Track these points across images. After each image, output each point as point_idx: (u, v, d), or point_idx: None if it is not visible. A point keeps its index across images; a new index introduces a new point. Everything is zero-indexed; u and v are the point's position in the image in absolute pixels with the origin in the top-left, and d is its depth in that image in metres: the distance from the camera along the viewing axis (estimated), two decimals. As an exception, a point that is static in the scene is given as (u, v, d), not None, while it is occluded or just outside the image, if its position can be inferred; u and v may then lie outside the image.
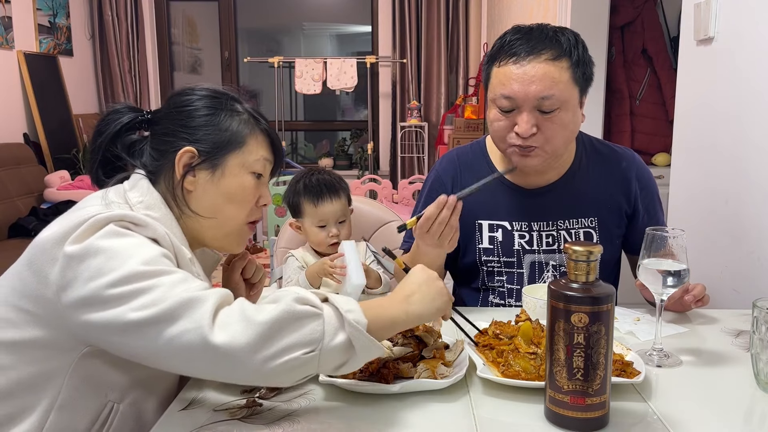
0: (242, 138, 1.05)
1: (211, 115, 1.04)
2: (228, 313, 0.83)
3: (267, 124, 1.10)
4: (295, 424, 0.88)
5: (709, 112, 1.69)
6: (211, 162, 1.03)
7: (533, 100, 1.26)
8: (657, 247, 1.06)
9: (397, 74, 5.42)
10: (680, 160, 1.86)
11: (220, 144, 1.03)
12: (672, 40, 3.61)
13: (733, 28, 1.58)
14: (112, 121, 1.07)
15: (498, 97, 1.30)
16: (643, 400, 0.95)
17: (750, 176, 1.50)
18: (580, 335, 0.83)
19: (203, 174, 1.03)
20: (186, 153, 1.02)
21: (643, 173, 1.47)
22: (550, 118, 1.28)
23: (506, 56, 1.29)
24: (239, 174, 1.05)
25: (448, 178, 1.49)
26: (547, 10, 3.37)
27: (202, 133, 1.03)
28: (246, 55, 5.52)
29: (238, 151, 1.04)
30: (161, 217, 0.99)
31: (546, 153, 1.32)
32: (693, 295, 1.25)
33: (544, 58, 1.26)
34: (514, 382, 0.96)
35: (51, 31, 4.88)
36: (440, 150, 5.07)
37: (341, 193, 1.69)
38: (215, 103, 1.06)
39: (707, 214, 1.68)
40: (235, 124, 1.05)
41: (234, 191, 1.05)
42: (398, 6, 5.30)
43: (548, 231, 1.43)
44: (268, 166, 1.10)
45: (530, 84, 1.26)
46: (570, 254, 0.86)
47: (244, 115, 1.07)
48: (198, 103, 1.05)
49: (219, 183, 1.04)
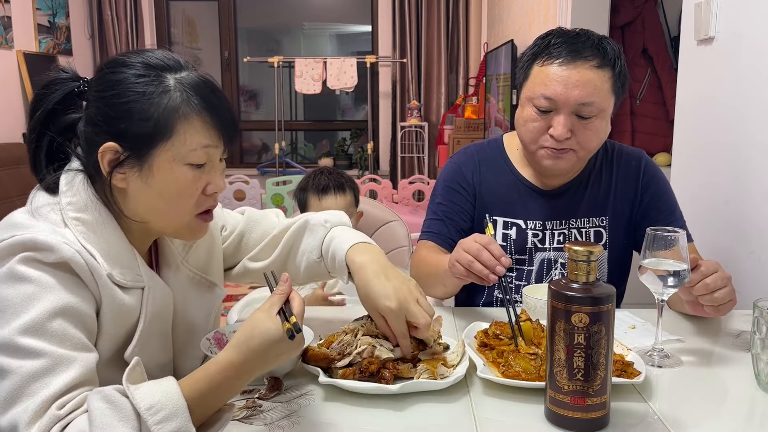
0: (170, 126, 0.88)
1: (134, 102, 0.88)
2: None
3: (205, 101, 0.90)
4: (295, 424, 0.88)
5: (710, 112, 1.69)
6: (138, 158, 0.89)
7: (573, 105, 1.27)
8: (657, 247, 1.06)
9: (397, 74, 5.41)
10: (680, 160, 1.86)
11: (144, 137, 0.88)
12: (672, 40, 3.61)
13: (733, 28, 1.58)
14: (45, 97, 0.92)
15: (537, 97, 1.30)
16: (644, 401, 0.95)
17: (750, 176, 1.50)
18: (580, 335, 0.83)
19: (132, 172, 0.90)
20: (108, 150, 0.89)
21: (651, 171, 1.47)
22: (585, 125, 1.29)
23: (550, 57, 1.29)
24: (171, 169, 0.90)
25: (468, 171, 1.48)
26: (547, 9, 3.37)
27: (125, 125, 0.88)
28: (246, 55, 5.52)
29: (166, 143, 0.88)
30: (93, 220, 0.90)
31: (576, 157, 1.34)
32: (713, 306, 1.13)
33: (590, 64, 1.27)
34: (514, 383, 0.96)
35: (50, 30, 4.88)
36: (440, 150, 5.07)
37: (347, 190, 1.70)
38: (141, 84, 0.88)
39: (707, 214, 1.68)
40: (159, 109, 0.88)
41: (167, 188, 0.91)
42: (398, 6, 5.31)
43: (560, 230, 1.44)
44: (213, 151, 0.92)
45: (573, 88, 1.26)
46: (570, 254, 0.85)
47: (175, 93, 0.89)
48: (121, 86, 0.89)
49: (149, 181, 0.90)
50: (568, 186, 1.44)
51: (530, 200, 1.44)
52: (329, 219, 1.18)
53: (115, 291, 0.90)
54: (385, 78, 5.51)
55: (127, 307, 0.92)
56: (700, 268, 1.09)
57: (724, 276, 1.11)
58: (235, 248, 1.20)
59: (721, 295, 1.10)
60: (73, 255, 0.85)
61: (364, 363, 0.97)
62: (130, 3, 5.33)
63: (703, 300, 1.12)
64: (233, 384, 0.81)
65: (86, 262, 0.86)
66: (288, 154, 5.86)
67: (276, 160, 5.44)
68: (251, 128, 5.96)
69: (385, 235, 2.00)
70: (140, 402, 0.74)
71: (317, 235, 1.16)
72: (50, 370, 0.79)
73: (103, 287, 0.88)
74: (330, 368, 1.00)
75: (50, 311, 0.82)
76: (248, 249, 1.20)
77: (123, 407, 0.74)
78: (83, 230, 0.90)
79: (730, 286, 1.12)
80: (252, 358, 0.81)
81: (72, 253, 0.85)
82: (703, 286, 1.09)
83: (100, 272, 0.88)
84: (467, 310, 1.37)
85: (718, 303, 1.11)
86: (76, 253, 0.86)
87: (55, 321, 0.81)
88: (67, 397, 0.78)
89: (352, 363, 0.98)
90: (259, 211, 1.24)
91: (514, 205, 1.45)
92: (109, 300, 0.89)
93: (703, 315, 1.18)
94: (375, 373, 0.96)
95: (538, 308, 1.21)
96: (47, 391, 0.77)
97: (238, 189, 4.97)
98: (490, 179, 1.46)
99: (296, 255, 1.17)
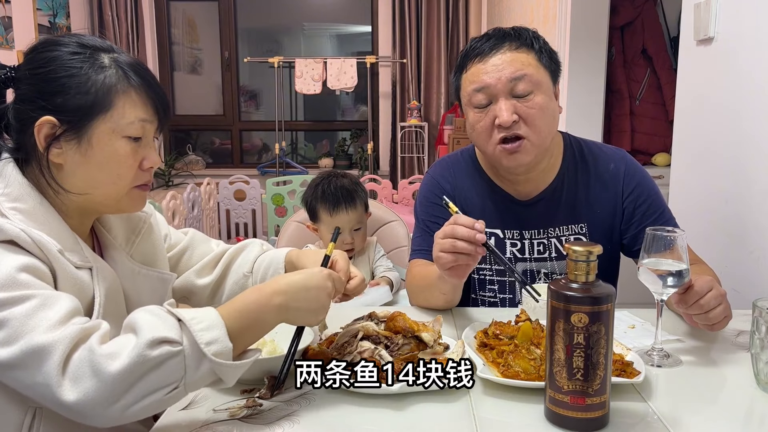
0: (109, 100, 0.92)
1: (70, 77, 0.91)
2: (78, 365, 0.76)
3: (141, 79, 0.95)
4: (295, 424, 0.88)
5: (709, 112, 1.69)
6: (76, 132, 0.91)
7: (506, 84, 1.26)
8: (657, 248, 1.06)
9: (397, 74, 5.41)
10: (680, 160, 1.86)
11: (83, 109, 0.91)
12: (672, 40, 3.61)
13: (733, 28, 1.58)
14: None
15: (472, 94, 1.30)
16: (643, 400, 0.95)
17: (750, 176, 1.50)
18: (580, 335, 0.83)
19: (69, 145, 0.92)
20: (45, 124, 0.90)
21: (631, 172, 1.42)
22: (527, 103, 1.27)
23: (472, 59, 1.31)
24: (110, 141, 0.93)
25: (445, 182, 1.47)
26: (547, 10, 3.37)
27: (62, 98, 0.90)
28: (246, 55, 5.52)
29: (104, 116, 0.92)
30: (30, 208, 0.91)
31: (533, 145, 1.29)
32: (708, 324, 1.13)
33: (506, 48, 1.28)
34: (514, 382, 0.96)
35: (51, 31, 4.88)
36: (440, 150, 5.07)
37: (358, 202, 1.70)
38: (77, 60, 0.92)
39: (707, 214, 1.68)
40: (97, 83, 0.91)
41: (107, 160, 0.94)
42: (398, 6, 5.30)
43: (539, 239, 1.42)
44: (149, 126, 0.97)
45: (500, 71, 1.27)
46: (570, 254, 0.86)
47: (111, 70, 0.93)
48: (57, 62, 0.92)
49: (88, 154, 0.93)
50: (543, 195, 1.41)
51: (506, 210, 1.42)
52: (270, 246, 1.27)
53: (68, 265, 0.91)
54: (385, 78, 5.51)
55: (82, 281, 0.93)
56: (694, 288, 1.08)
57: (718, 294, 1.10)
58: (175, 262, 1.24)
59: (714, 314, 1.10)
60: (19, 233, 0.86)
61: (364, 363, 0.97)
62: (130, 3, 5.33)
63: (697, 319, 1.12)
64: (269, 311, 0.88)
65: (32, 239, 0.87)
66: (288, 155, 5.86)
67: (276, 160, 5.44)
68: (251, 128, 5.96)
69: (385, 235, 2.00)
70: (184, 314, 0.81)
71: (252, 252, 1.24)
72: (43, 305, 0.80)
73: (55, 260, 0.89)
74: (330, 368, 1.00)
75: (14, 267, 0.82)
76: (190, 265, 1.24)
77: (166, 318, 0.81)
78: (22, 218, 0.90)
79: (725, 302, 1.12)
80: (287, 288, 0.89)
81: (17, 231, 0.86)
82: (697, 307, 1.09)
83: (49, 247, 0.89)
84: (467, 310, 1.37)
85: (712, 322, 1.11)
86: (21, 231, 0.86)
87: (21, 274, 0.83)
88: (76, 319, 0.81)
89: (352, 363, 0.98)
90: (203, 234, 1.32)
91: (490, 214, 1.42)
92: (63, 272, 0.90)
93: (697, 327, 1.18)
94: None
95: (538, 308, 1.21)
96: (51, 316, 0.79)
97: (238, 189, 4.97)
98: (467, 189, 1.45)
99: (232, 271, 1.24)
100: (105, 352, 0.77)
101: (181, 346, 0.78)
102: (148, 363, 0.76)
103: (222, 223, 4.96)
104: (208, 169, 5.67)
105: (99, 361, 0.76)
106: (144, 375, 0.77)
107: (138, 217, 1.12)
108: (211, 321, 0.81)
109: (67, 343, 0.77)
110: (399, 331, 1.04)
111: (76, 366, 0.77)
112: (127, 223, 1.11)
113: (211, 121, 5.78)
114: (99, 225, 1.07)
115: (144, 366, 0.76)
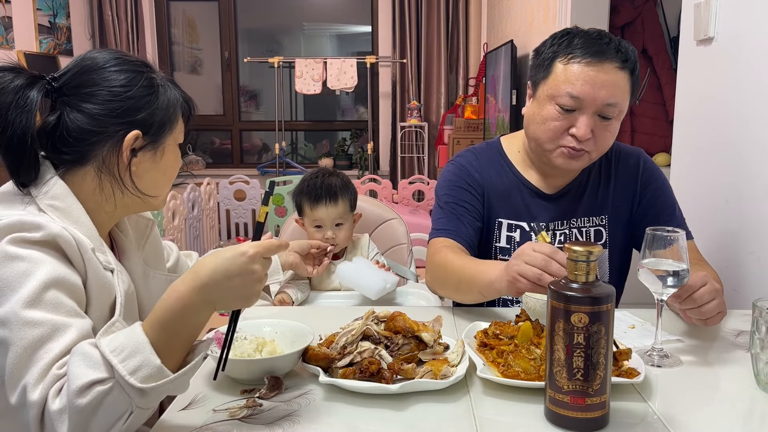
0: (175, 114, 1.05)
1: (150, 95, 1.01)
2: (48, 424, 0.78)
3: (180, 92, 1.08)
4: (295, 424, 0.88)
5: (709, 112, 1.69)
6: (154, 143, 1.03)
7: (599, 105, 1.26)
8: (656, 247, 1.06)
9: (397, 74, 5.42)
10: (680, 160, 1.86)
11: (165, 124, 1.03)
12: (672, 40, 3.62)
13: (733, 28, 1.58)
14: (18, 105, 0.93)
15: (562, 95, 1.28)
16: (643, 400, 0.95)
17: (750, 176, 1.50)
18: (580, 335, 0.83)
19: (146, 156, 1.02)
20: (134, 138, 0.99)
21: (650, 168, 1.47)
22: (606, 126, 1.29)
23: (575, 56, 1.27)
24: (174, 149, 1.07)
25: (474, 171, 1.46)
26: (547, 10, 3.37)
27: (145, 114, 1.01)
28: (246, 55, 5.53)
29: (172, 128, 1.05)
30: (66, 207, 0.97)
31: (591, 159, 1.34)
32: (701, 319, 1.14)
33: (614, 65, 1.26)
34: (514, 382, 0.96)
35: (51, 31, 4.88)
36: (440, 150, 5.07)
37: (340, 199, 1.70)
38: (145, 79, 1.01)
39: (707, 213, 1.68)
40: (168, 100, 1.04)
41: (170, 166, 1.07)
42: (398, 6, 5.31)
43: (561, 230, 1.44)
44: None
45: (601, 88, 1.25)
46: (570, 254, 0.86)
47: (168, 86, 1.05)
48: (133, 81, 1.00)
49: (160, 162, 1.04)
50: (569, 188, 1.44)
51: (533, 203, 1.44)
52: None
53: (99, 265, 0.96)
54: (385, 78, 5.51)
55: (108, 282, 0.97)
56: (688, 283, 1.08)
57: (713, 289, 1.10)
58: (172, 267, 1.29)
59: (708, 309, 1.10)
60: (61, 231, 0.91)
61: (365, 363, 0.97)
62: (130, 3, 5.34)
63: (690, 314, 1.13)
64: (195, 311, 0.83)
65: (73, 237, 0.92)
66: (288, 155, 5.86)
67: (276, 160, 5.44)
68: (251, 128, 5.96)
69: (384, 232, 2.00)
70: (105, 347, 0.79)
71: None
72: (49, 337, 0.83)
73: (89, 261, 0.94)
74: (330, 368, 1.00)
75: (44, 283, 0.86)
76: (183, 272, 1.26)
77: (92, 356, 0.79)
78: (59, 216, 0.96)
79: (720, 298, 1.12)
80: (208, 281, 0.82)
81: (59, 228, 0.91)
82: (690, 301, 1.10)
83: (85, 246, 0.94)
84: (467, 310, 1.37)
85: (706, 317, 1.12)
86: (63, 229, 0.91)
87: (49, 292, 0.86)
88: (66, 359, 0.82)
89: (352, 362, 0.98)
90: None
91: (518, 207, 1.44)
92: (93, 273, 0.94)
93: (693, 324, 1.19)
94: (375, 373, 0.97)
95: (538, 308, 1.21)
96: (49, 355, 0.82)
97: (238, 189, 4.97)
98: (494, 181, 1.46)
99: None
100: (55, 411, 0.78)
101: (112, 381, 0.77)
102: (85, 410, 0.76)
103: (222, 223, 4.97)
104: (208, 169, 5.67)
105: (54, 420, 0.78)
106: (90, 419, 0.77)
107: (145, 221, 1.18)
108: (133, 346, 0.79)
109: (39, 407, 0.79)
110: (399, 331, 1.05)
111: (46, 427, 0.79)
112: (137, 227, 1.16)
113: (211, 121, 5.79)
114: (116, 229, 1.12)
115: (83, 414, 0.76)
